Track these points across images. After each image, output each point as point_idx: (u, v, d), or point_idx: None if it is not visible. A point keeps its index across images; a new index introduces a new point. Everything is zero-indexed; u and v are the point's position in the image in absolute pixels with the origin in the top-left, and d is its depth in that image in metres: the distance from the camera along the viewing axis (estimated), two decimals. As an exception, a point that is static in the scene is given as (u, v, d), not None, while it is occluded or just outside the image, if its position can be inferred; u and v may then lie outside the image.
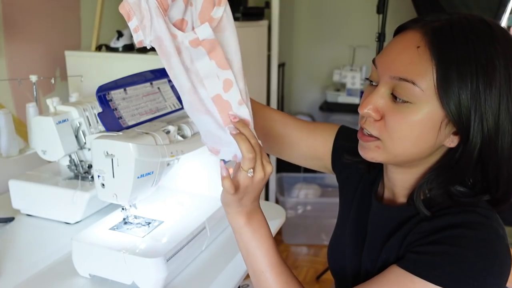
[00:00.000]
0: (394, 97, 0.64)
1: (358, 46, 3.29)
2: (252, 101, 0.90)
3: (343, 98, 3.17)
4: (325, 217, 2.74)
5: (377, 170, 0.82)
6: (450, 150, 0.67)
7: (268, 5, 2.42)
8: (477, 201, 0.66)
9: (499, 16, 2.09)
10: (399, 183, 0.74)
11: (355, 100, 3.14)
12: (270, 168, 0.68)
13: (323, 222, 2.74)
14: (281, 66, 3.17)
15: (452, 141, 0.65)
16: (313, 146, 0.90)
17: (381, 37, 2.34)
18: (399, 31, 0.68)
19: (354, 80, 3.12)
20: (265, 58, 2.40)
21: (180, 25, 0.65)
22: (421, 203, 0.67)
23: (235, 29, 0.66)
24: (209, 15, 0.63)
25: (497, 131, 0.62)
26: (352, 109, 3.08)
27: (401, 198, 0.75)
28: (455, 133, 0.64)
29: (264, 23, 2.27)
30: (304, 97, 3.59)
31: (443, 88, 0.60)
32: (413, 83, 0.61)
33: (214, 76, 0.65)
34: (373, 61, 0.68)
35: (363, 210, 0.81)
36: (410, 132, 0.64)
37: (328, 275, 2.40)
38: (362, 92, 3.17)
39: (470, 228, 0.62)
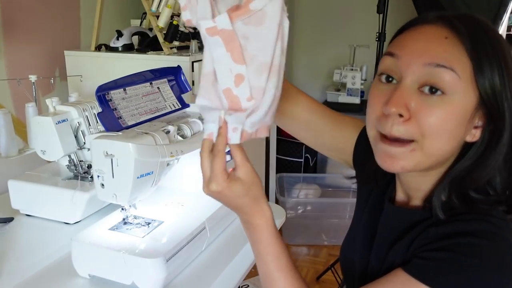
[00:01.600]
0: (420, 92, 0.63)
1: (358, 46, 3.29)
2: (285, 82, 0.87)
3: (343, 98, 3.16)
4: (325, 217, 2.73)
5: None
6: (468, 150, 0.66)
7: (268, 5, 2.42)
8: (493, 209, 0.65)
9: (499, 16, 2.09)
10: (414, 186, 0.72)
11: (355, 100, 3.13)
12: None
13: (323, 222, 2.74)
14: (281, 66, 3.16)
15: (474, 135, 0.65)
16: (337, 138, 0.88)
17: (381, 37, 2.33)
18: (411, 25, 0.67)
19: (355, 80, 3.11)
20: (265, 58, 2.39)
21: (235, 10, 0.62)
22: (439, 206, 0.66)
23: (277, 25, 0.61)
24: (246, 6, 0.61)
25: None
26: (353, 109, 3.08)
27: (416, 200, 0.73)
28: (476, 127, 0.64)
29: (264, 23, 2.26)
30: (304, 97, 3.58)
31: (479, 74, 0.61)
32: (452, 70, 0.61)
33: (227, 69, 0.64)
34: (391, 54, 0.66)
35: (375, 210, 0.80)
36: (445, 126, 0.62)
37: (328, 276, 2.40)
38: (362, 92, 3.16)
39: (478, 237, 0.61)
